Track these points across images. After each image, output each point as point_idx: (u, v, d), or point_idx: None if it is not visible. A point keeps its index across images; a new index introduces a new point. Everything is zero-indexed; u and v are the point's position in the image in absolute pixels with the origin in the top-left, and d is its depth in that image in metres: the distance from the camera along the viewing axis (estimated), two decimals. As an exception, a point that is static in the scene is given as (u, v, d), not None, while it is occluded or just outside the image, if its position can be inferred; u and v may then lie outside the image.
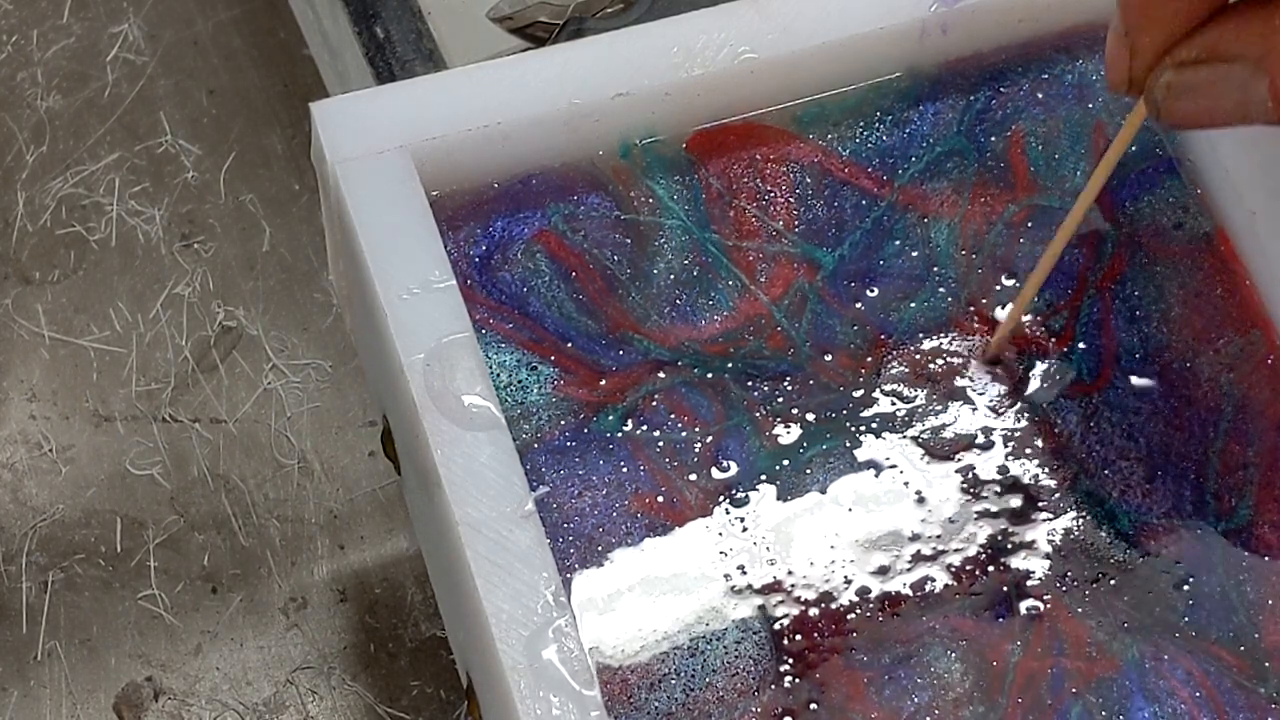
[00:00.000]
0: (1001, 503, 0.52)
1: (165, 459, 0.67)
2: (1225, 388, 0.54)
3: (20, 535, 0.66)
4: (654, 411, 0.52)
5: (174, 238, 0.71)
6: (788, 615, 0.50)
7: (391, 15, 0.66)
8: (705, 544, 0.51)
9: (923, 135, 0.56)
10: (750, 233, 0.55)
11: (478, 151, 0.54)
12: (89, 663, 0.64)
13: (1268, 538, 0.52)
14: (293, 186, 0.72)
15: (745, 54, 0.55)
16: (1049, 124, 0.57)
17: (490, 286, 0.53)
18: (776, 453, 0.52)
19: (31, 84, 0.74)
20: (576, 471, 0.51)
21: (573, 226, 0.54)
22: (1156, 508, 0.53)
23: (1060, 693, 0.50)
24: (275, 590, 0.65)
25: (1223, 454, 0.53)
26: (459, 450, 0.49)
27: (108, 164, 0.72)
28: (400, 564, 0.66)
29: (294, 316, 0.70)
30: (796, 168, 0.56)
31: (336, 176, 0.53)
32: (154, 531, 0.66)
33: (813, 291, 0.55)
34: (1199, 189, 0.56)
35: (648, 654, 0.50)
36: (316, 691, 0.64)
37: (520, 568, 0.48)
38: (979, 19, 0.56)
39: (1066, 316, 0.55)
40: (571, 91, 0.54)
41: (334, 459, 0.67)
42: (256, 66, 0.75)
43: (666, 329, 0.54)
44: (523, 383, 0.52)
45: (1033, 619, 0.51)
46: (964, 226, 0.56)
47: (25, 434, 0.68)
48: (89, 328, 0.69)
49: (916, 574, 0.51)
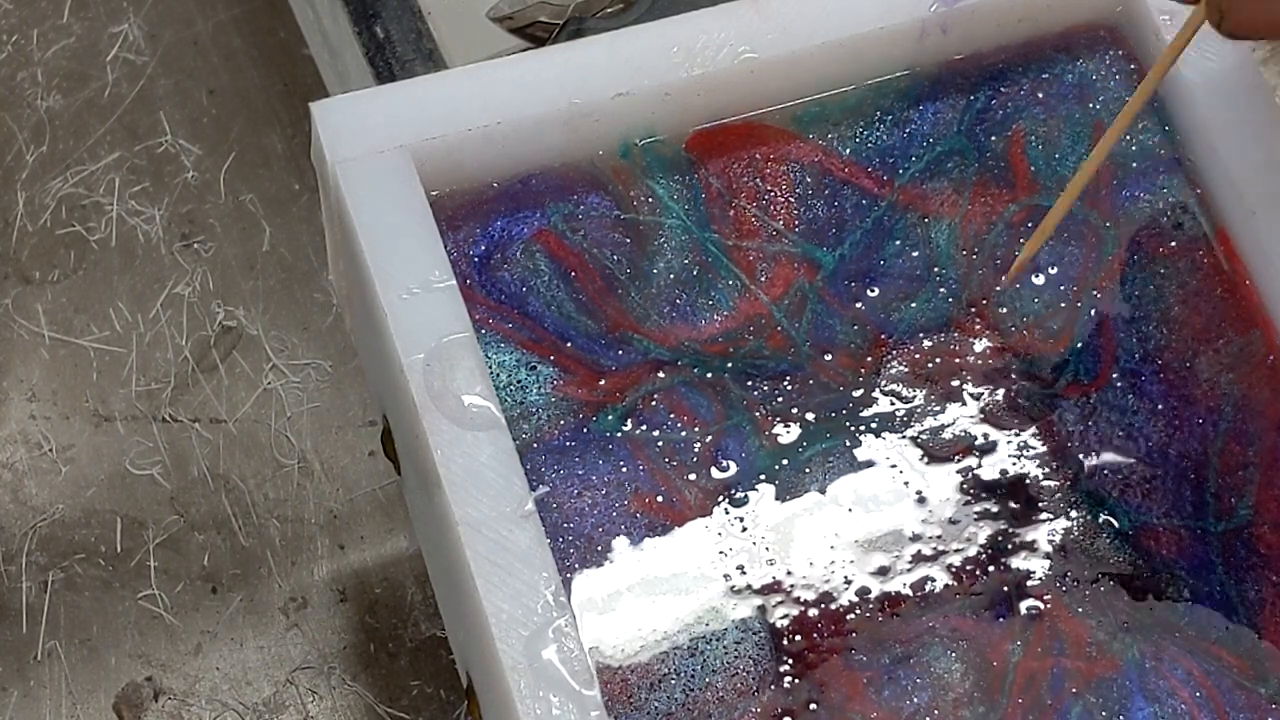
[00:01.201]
0: (1001, 503, 0.52)
1: (165, 459, 0.67)
2: (1225, 388, 0.54)
3: (20, 535, 0.66)
4: (653, 411, 0.52)
5: (174, 238, 0.71)
6: (787, 615, 0.50)
7: (391, 15, 0.66)
8: (705, 544, 0.51)
9: (923, 135, 0.56)
10: (750, 232, 0.55)
11: (478, 151, 0.54)
12: (89, 663, 0.64)
13: (1268, 537, 0.52)
14: (293, 186, 0.72)
15: (745, 54, 0.55)
16: (1049, 123, 0.57)
17: (489, 286, 0.53)
18: (776, 452, 0.52)
19: (31, 84, 0.74)
20: (576, 471, 0.51)
21: (572, 226, 0.54)
22: (1156, 508, 0.53)
23: (1060, 693, 0.50)
24: (275, 590, 0.65)
25: (1223, 454, 0.53)
26: (459, 450, 0.49)
27: (108, 164, 0.72)
28: (400, 564, 0.66)
29: (294, 316, 0.70)
30: (797, 167, 0.56)
31: (336, 176, 0.53)
32: (154, 531, 0.66)
33: (813, 291, 0.55)
34: (1199, 189, 0.56)
35: (648, 654, 0.50)
36: (316, 691, 0.64)
37: (520, 568, 0.48)
38: (979, 19, 0.56)
39: (1066, 316, 0.55)
40: (571, 91, 0.54)
41: (334, 459, 0.67)
42: (256, 66, 0.75)
43: (666, 329, 0.54)
44: (522, 382, 0.52)
45: (1033, 619, 0.51)
46: (964, 226, 0.56)
47: (25, 434, 0.68)
48: (89, 328, 0.69)
49: (916, 574, 0.51)
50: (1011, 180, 0.56)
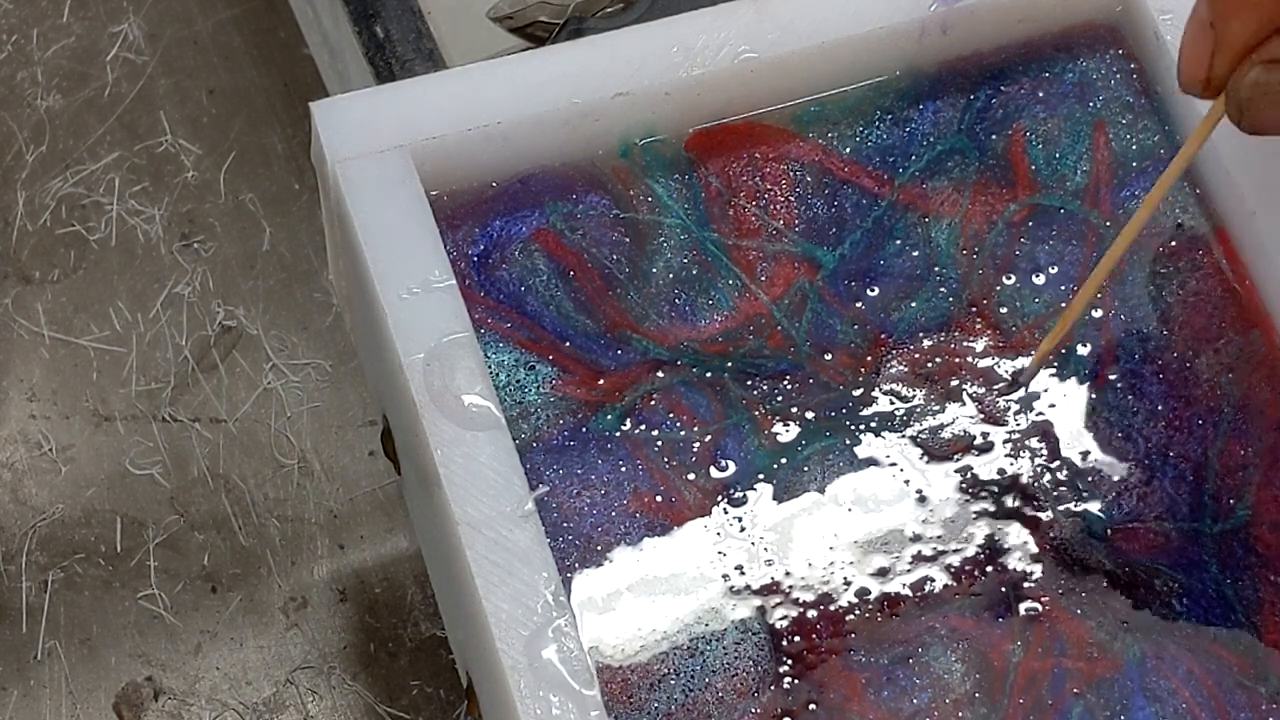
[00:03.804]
0: (1000, 503, 0.52)
1: (165, 459, 0.67)
2: (1225, 388, 0.54)
3: (20, 535, 0.66)
4: (653, 411, 0.52)
5: (174, 237, 0.71)
6: (786, 616, 0.50)
7: (391, 15, 0.66)
8: (704, 544, 0.51)
9: (923, 134, 0.56)
10: (750, 232, 0.55)
11: (477, 151, 0.54)
12: (89, 662, 0.64)
13: (1266, 537, 0.52)
14: (293, 186, 0.72)
15: (745, 54, 0.55)
16: (1050, 123, 0.57)
17: (488, 286, 0.53)
18: (775, 452, 0.52)
19: (31, 84, 0.74)
20: (575, 471, 0.51)
21: (571, 225, 0.54)
22: (1155, 508, 0.53)
23: (1061, 693, 0.50)
24: (275, 590, 0.65)
25: (1222, 454, 0.53)
26: (459, 450, 0.49)
27: (108, 163, 0.72)
28: (400, 564, 0.66)
29: (294, 316, 0.70)
30: (797, 167, 0.56)
31: (336, 176, 0.53)
32: (154, 531, 0.66)
33: (813, 291, 0.55)
34: (1199, 189, 0.56)
35: (648, 654, 0.50)
36: (316, 691, 0.64)
37: (520, 568, 0.48)
38: (979, 18, 0.56)
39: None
40: (571, 91, 0.54)
41: (334, 459, 0.67)
42: (256, 66, 0.75)
43: (665, 328, 0.54)
44: (521, 382, 0.52)
45: (1033, 619, 0.51)
46: (965, 226, 0.56)
47: (25, 434, 0.68)
48: (89, 327, 0.69)
49: (916, 574, 0.51)
50: (1012, 179, 0.56)
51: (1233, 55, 0.44)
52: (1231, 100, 0.44)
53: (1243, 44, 0.43)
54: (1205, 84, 0.44)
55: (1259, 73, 0.43)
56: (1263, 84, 0.43)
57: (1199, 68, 0.44)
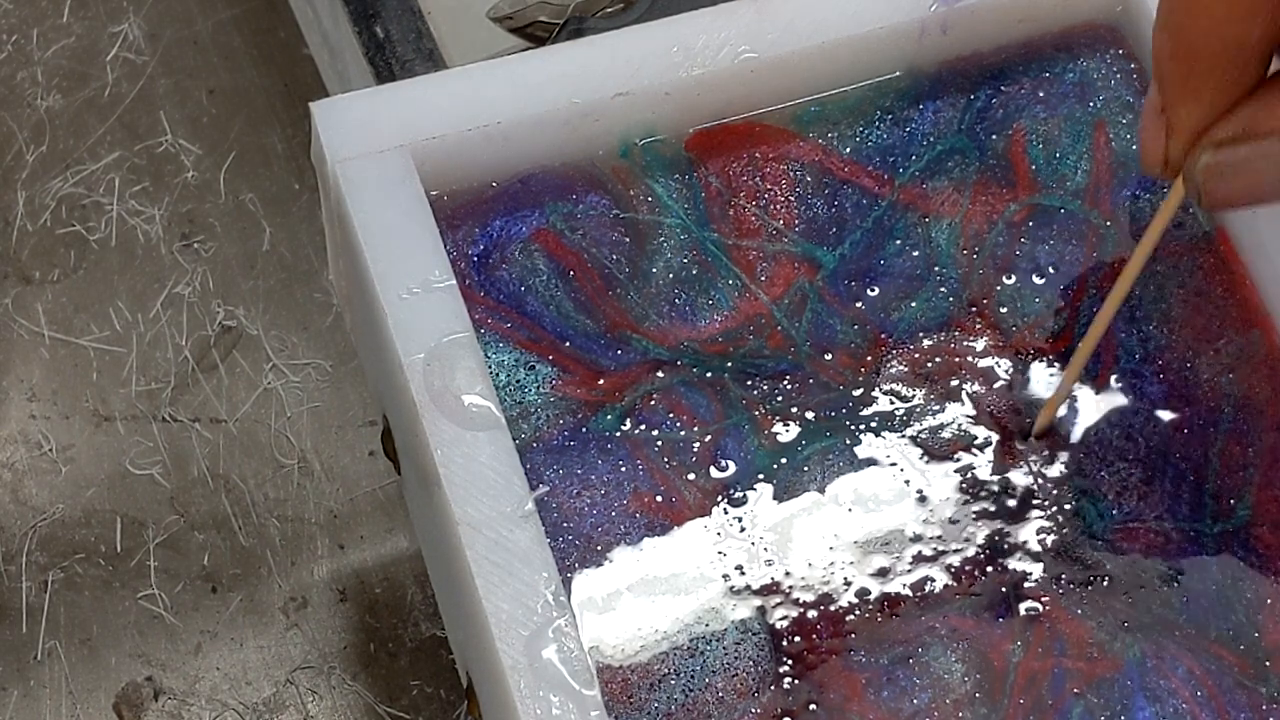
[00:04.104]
0: (1000, 503, 0.52)
1: (165, 459, 0.67)
2: (1225, 388, 0.54)
3: (20, 535, 0.66)
4: (653, 411, 0.52)
5: (174, 237, 0.71)
6: (787, 616, 0.50)
7: (391, 15, 0.66)
8: (704, 544, 0.51)
9: (923, 134, 0.56)
10: (750, 232, 0.55)
11: (477, 151, 0.54)
12: (89, 662, 0.64)
13: (1267, 538, 0.52)
14: (293, 186, 0.72)
15: (745, 54, 0.55)
16: (1050, 122, 0.57)
17: (488, 286, 0.53)
18: (775, 452, 0.52)
19: (31, 84, 0.74)
20: (575, 471, 0.51)
21: (571, 225, 0.54)
22: (1155, 508, 0.53)
23: (1061, 693, 0.50)
24: (275, 590, 0.65)
25: (1222, 454, 0.53)
26: (459, 450, 0.49)
27: (108, 164, 0.72)
28: (400, 564, 0.66)
29: (294, 316, 0.70)
30: (797, 167, 0.56)
31: (336, 176, 0.53)
32: (154, 531, 0.66)
33: (813, 291, 0.55)
34: (1199, 188, 0.56)
35: (648, 654, 0.50)
36: (316, 691, 0.64)
37: (520, 568, 0.48)
38: (979, 18, 0.56)
39: (1066, 317, 0.55)
40: (571, 91, 0.54)
41: (334, 459, 0.67)
42: (256, 66, 0.75)
43: (665, 328, 0.54)
44: (520, 382, 0.52)
45: (1033, 619, 0.51)
46: (965, 226, 0.56)
47: (25, 434, 0.68)
48: (89, 327, 0.69)
49: (916, 574, 0.51)
50: (1012, 179, 0.56)
51: (1185, 139, 0.45)
52: (1188, 182, 0.45)
53: (1192, 128, 0.45)
54: (1164, 165, 0.46)
55: (1209, 155, 0.44)
56: (1213, 166, 0.44)
57: (1157, 151, 0.46)
